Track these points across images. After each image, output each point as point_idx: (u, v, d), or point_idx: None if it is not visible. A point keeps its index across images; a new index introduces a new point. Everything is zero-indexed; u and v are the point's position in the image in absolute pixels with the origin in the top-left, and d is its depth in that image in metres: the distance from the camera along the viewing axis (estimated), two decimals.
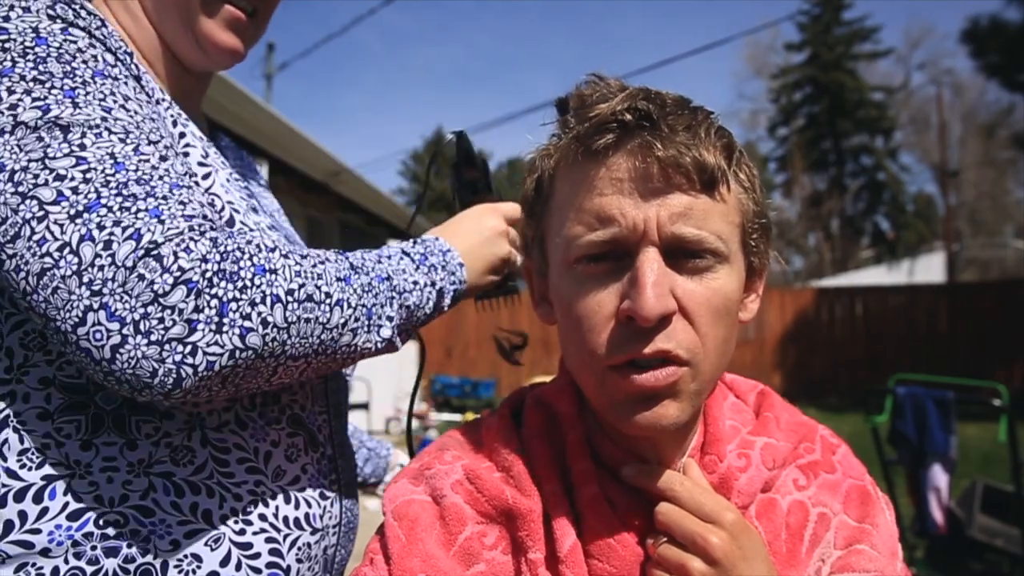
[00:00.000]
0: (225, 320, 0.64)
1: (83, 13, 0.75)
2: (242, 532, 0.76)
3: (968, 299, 12.81)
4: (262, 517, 0.77)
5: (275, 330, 0.66)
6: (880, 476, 3.72)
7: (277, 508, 0.79)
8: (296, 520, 0.80)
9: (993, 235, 29.51)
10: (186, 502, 0.73)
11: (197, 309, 0.62)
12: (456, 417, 8.73)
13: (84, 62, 0.71)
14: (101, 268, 0.61)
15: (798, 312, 13.05)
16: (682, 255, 0.66)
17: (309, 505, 0.82)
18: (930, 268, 22.39)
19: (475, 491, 0.71)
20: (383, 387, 8.83)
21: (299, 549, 0.80)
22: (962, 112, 32.48)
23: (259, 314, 0.65)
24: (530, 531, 0.69)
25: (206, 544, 0.73)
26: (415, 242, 0.89)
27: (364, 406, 7.89)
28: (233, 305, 0.64)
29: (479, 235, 0.95)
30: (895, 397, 3.55)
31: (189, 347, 0.62)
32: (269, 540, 0.77)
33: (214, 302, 0.63)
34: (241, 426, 0.78)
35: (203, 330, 0.63)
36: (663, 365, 0.65)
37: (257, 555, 0.76)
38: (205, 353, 0.63)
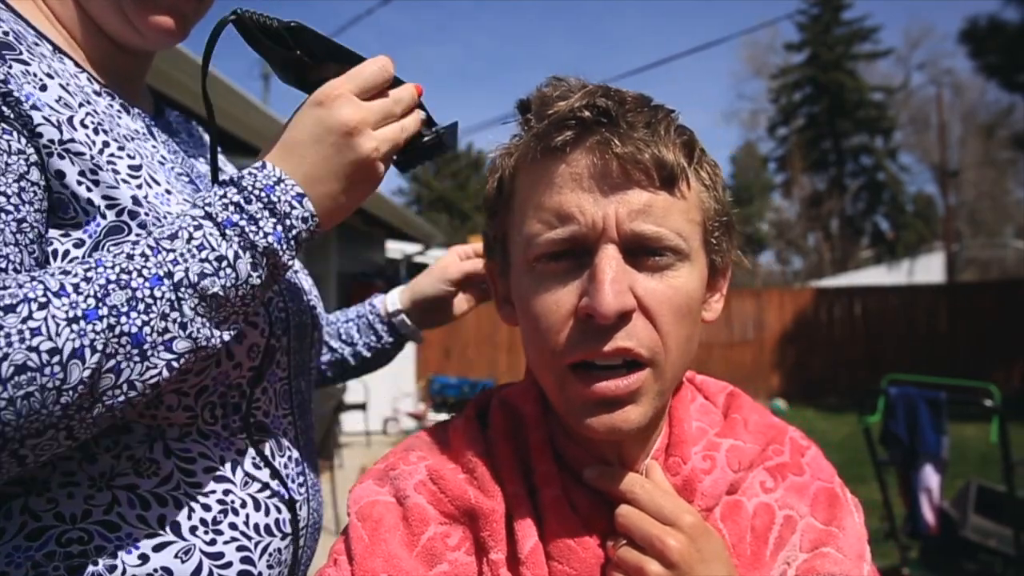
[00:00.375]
0: None
1: None
2: (213, 542, 0.74)
3: (968, 299, 12.81)
4: (232, 526, 0.76)
5: None
6: (873, 476, 3.72)
7: (248, 516, 0.78)
8: (267, 527, 0.79)
9: (993, 235, 29.50)
10: (153, 515, 0.72)
11: None
12: None
13: None
14: None
15: (797, 312, 13.05)
16: (642, 253, 0.65)
17: (279, 511, 0.81)
18: (930, 268, 22.36)
19: (438, 491, 0.71)
20: (381, 388, 8.83)
21: (270, 555, 0.79)
22: (962, 112, 32.49)
23: None
24: (492, 531, 0.68)
25: (176, 556, 0.72)
26: (232, 184, 0.68)
27: (361, 407, 7.88)
28: None
29: (321, 143, 0.71)
30: (887, 397, 3.54)
31: None
32: (241, 548, 0.76)
33: None
34: (203, 436, 0.77)
35: None
36: (626, 373, 0.65)
37: (229, 564, 0.75)
38: None
